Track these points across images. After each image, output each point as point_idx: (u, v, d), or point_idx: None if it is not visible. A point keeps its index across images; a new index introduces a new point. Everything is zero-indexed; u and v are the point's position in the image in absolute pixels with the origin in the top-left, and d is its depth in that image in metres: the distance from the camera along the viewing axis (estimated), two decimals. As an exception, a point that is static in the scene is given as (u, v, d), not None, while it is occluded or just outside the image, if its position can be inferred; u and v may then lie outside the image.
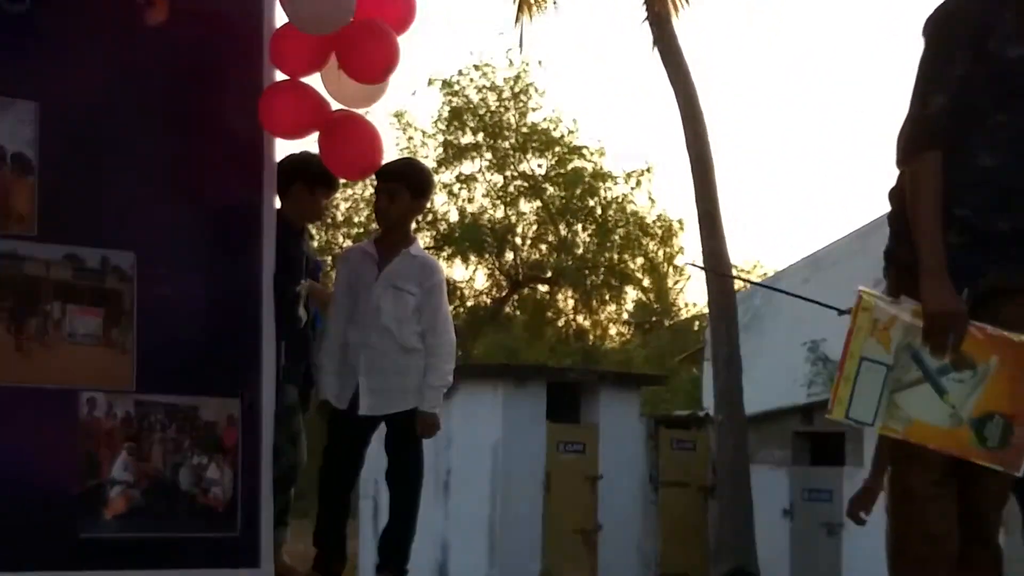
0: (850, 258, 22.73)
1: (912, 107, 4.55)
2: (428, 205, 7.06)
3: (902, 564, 4.54)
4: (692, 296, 48.82)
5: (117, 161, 6.03)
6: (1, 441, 5.68)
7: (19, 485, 5.70)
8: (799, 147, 64.45)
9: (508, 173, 35.75)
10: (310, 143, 6.52)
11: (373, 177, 6.67)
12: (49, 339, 5.78)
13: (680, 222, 36.49)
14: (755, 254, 54.17)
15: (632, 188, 35.85)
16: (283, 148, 6.57)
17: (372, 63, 6.23)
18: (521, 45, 22.51)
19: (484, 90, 35.39)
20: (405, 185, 6.47)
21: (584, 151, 35.69)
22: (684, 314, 40.25)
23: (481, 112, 35.24)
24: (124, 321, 5.94)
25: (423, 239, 31.17)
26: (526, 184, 35.72)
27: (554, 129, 35.58)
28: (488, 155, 35.64)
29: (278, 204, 6.49)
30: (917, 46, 4.58)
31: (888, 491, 4.67)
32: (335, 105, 6.42)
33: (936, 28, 4.55)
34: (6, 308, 5.71)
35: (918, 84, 4.56)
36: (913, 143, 4.53)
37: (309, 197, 6.63)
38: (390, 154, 6.60)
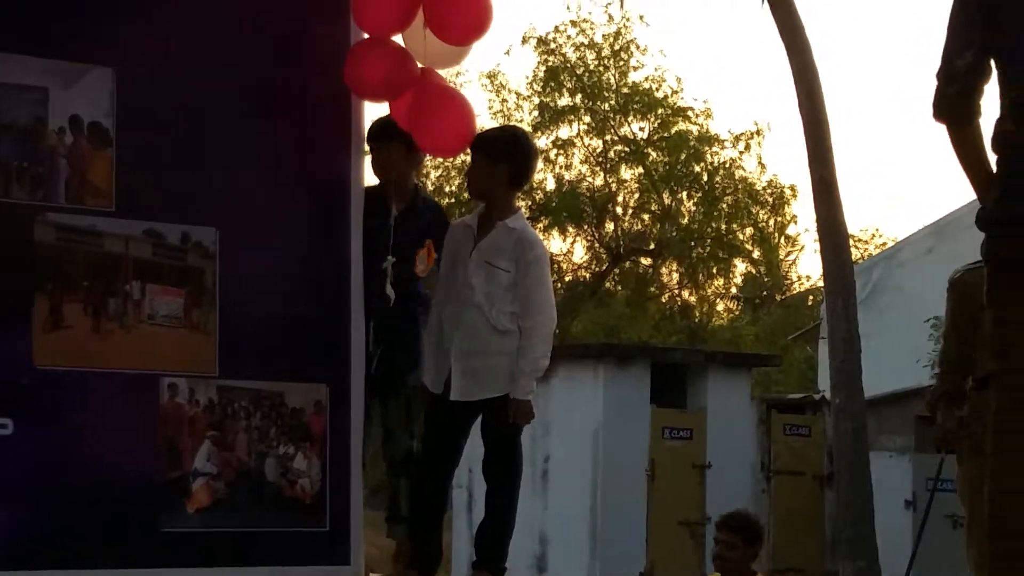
0: (978, 227, 22.48)
1: None
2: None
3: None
4: (805, 268, 48.58)
5: (197, 132, 6.07)
6: (78, 429, 5.75)
7: (98, 476, 5.77)
8: (918, 104, 63.79)
9: (608, 137, 35.68)
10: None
11: None
12: (129, 321, 5.83)
13: (792, 188, 36.29)
14: (873, 221, 53.61)
15: (741, 152, 35.71)
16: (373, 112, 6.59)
17: (462, 23, 6.21)
18: None
19: (582, 48, 35.32)
20: (500, 156, 6.40)
21: (689, 113, 35.56)
22: (797, 288, 40.09)
23: (579, 72, 35.19)
24: (206, 301, 5.98)
25: (517, 209, 30.99)
26: (627, 149, 35.64)
27: (657, 89, 35.47)
28: (586, 118, 35.59)
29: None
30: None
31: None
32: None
33: None
34: (84, 288, 5.77)
35: None
36: None
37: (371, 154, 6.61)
38: (483, 119, 6.55)
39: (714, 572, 7.35)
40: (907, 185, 64.91)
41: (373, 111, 6.60)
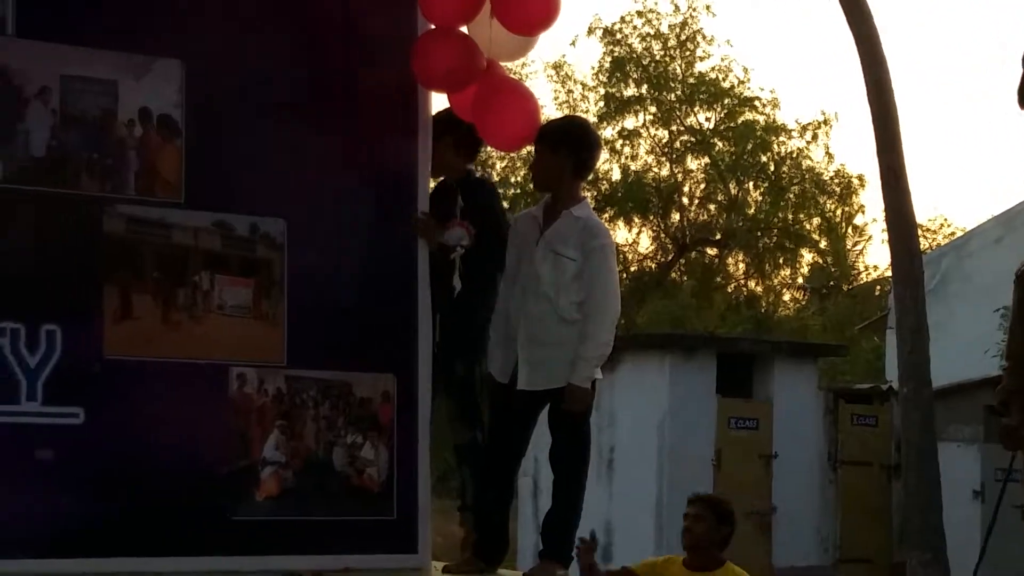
0: (1049, 215, 22.28)
1: None
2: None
3: None
4: (873, 258, 48.29)
5: (264, 123, 6.10)
6: (148, 418, 5.80)
7: (168, 464, 5.82)
8: (989, 92, 63.27)
9: (674, 128, 35.57)
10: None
11: None
12: (198, 311, 5.88)
13: (860, 178, 36.07)
14: (942, 211, 53.29)
15: (808, 142, 35.50)
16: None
17: (529, 14, 6.21)
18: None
19: (648, 38, 35.21)
20: (563, 146, 6.36)
21: (756, 103, 35.38)
22: (864, 278, 39.81)
23: (645, 62, 35.08)
24: (275, 292, 6.02)
25: (583, 199, 30.96)
26: (693, 139, 35.51)
27: (723, 80, 35.31)
28: (652, 108, 35.48)
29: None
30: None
31: None
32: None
33: None
34: (154, 279, 5.82)
35: None
36: None
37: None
38: (548, 109, 6.54)
39: (676, 556, 7.10)
40: (976, 174, 64.35)
41: (440, 102, 6.61)
